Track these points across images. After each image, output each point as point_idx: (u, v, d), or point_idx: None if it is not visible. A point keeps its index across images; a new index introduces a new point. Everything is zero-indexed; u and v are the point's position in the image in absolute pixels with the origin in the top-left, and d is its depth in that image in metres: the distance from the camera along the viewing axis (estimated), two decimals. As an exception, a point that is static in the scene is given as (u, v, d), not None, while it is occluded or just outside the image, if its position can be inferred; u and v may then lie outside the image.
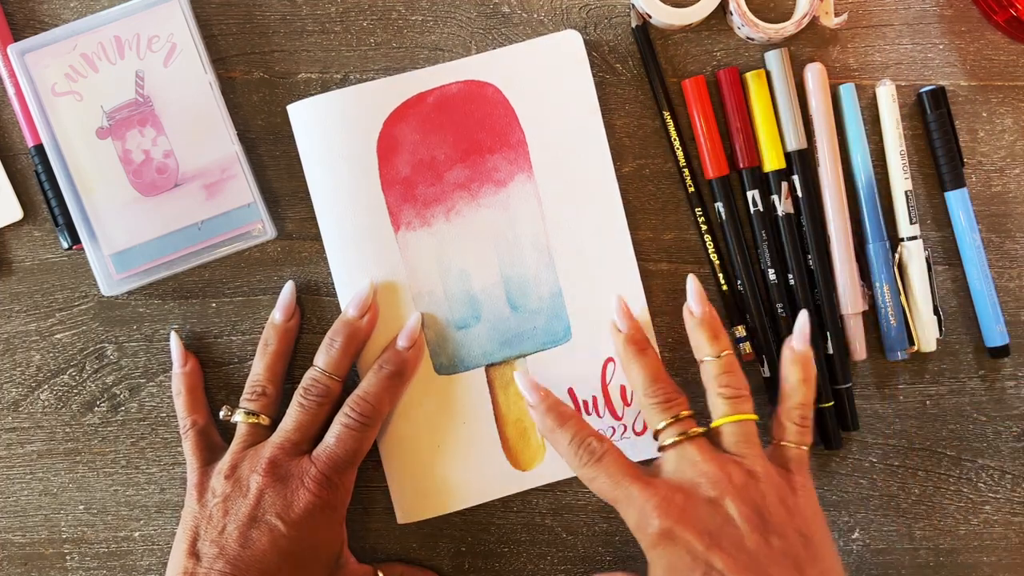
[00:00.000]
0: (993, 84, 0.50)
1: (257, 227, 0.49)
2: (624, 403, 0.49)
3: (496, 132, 0.49)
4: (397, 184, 0.48)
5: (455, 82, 0.48)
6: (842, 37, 0.50)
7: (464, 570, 0.51)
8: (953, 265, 0.50)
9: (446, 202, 0.49)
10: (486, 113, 0.49)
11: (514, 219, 0.49)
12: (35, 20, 0.50)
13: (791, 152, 0.49)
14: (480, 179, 0.49)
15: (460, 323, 0.49)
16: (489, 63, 0.49)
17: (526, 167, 0.49)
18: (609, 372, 0.49)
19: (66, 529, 0.51)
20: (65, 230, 0.49)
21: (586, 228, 0.49)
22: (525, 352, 0.49)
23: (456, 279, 0.49)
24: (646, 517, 0.42)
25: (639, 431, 0.49)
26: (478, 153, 0.49)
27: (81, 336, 0.50)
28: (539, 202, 0.49)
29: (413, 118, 0.48)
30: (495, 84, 0.48)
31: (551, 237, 0.49)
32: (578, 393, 0.49)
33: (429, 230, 0.49)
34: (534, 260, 0.49)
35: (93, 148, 0.48)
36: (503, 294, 0.49)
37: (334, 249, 0.49)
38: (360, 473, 0.46)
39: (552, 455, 0.49)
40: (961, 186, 0.49)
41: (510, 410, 0.49)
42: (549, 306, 0.49)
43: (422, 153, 0.48)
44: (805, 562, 0.41)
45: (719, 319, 0.47)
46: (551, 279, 0.49)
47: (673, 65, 0.50)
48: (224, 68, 0.50)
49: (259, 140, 0.50)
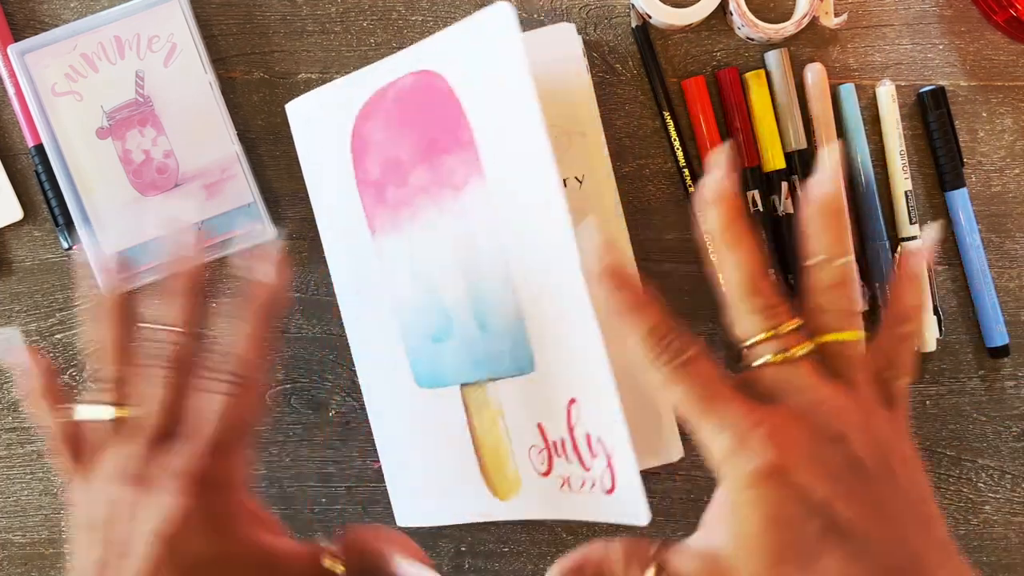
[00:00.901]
0: (993, 84, 0.50)
1: (257, 227, 0.49)
2: (591, 454, 0.41)
3: (448, 130, 0.42)
4: (370, 186, 0.46)
5: (409, 74, 0.43)
6: (842, 37, 0.50)
7: (464, 570, 0.51)
8: (953, 265, 0.50)
9: (412, 206, 0.44)
10: (438, 108, 0.42)
11: (472, 228, 0.42)
12: (35, 20, 0.50)
13: (791, 152, 0.49)
14: (439, 182, 0.43)
15: (436, 335, 0.45)
16: (437, 48, 0.42)
17: (478, 170, 0.42)
18: (574, 415, 0.41)
19: (66, 529, 0.51)
20: (65, 230, 0.49)
21: (537, 242, 0.40)
22: (495, 376, 0.44)
23: (428, 289, 0.45)
24: (748, 448, 0.32)
25: (607, 489, 0.40)
26: (435, 153, 0.43)
27: (81, 336, 0.50)
28: (494, 210, 0.42)
29: (378, 116, 0.45)
30: (443, 73, 0.42)
31: (508, 251, 0.41)
32: (548, 432, 0.42)
33: (400, 235, 0.45)
34: (495, 276, 0.42)
35: (93, 148, 0.48)
36: (471, 310, 0.44)
37: (330, 249, 0.49)
38: (359, 473, 0.46)
39: (529, 490, 0.44)
40: (961, 186, 0.49)
41: (486, 436, 0.45)
42: (514, 329, 0.42)
43: (388, 153, 0.45)
44: (930, 520, 0.33)
45: (847, 214, 0.36)
46: (512, 299, 0.42)
47: (673, 65, 0.50)
48: (224, 68, 0.50)
49: (259, 140, 0.50)
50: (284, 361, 0.50)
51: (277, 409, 0.50)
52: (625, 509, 0.40)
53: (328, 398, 0.50)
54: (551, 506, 0.44)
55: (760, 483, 0.32)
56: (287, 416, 0.51)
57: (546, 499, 0.44)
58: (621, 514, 0.41)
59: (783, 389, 0.34)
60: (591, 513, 0.43)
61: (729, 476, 0.32)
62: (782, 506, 0.31)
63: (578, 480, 0.42)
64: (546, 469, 0.44)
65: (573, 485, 0.43)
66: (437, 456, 0.47)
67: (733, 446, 0.32)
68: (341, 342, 0.50)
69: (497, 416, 0.45)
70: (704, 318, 0.50)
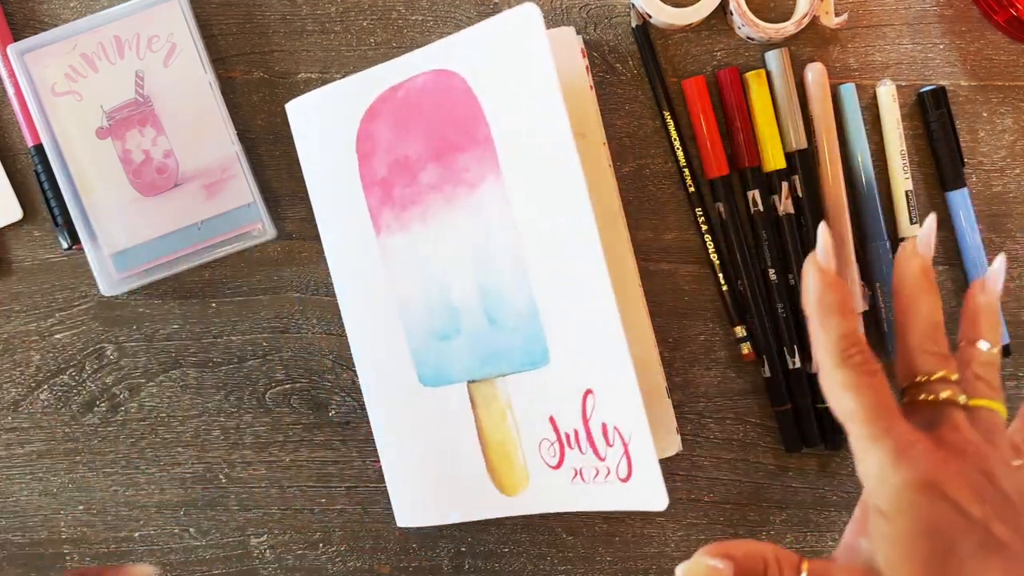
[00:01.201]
0: (993, 84, 0.50)
1: (257, 227, 0.49)
2: (607, 443, 0.42)
3: (464, 128, 0.43)
4: (376, 185, 0.46)
5: (421, 73, 0.44)
6: (842, 37, 0.50)
7: (464, 570, 0.51)
8: (953, 265, 0.50)
9: (421, 204, 0.45)
10: (454, 107, 0.43)
11: (487, 225, 0.43)
12: (35, 20, 0.50)
13: (791, 152, 0.49)
14: (452, 180, 0.44)
15: (441, 334, 0.46)
16: (456, 48, 0.43)
17: (494, 167, 0.43)
18: (589, 406, 0.42)
19: (66, 529, 0.51)
20: (65, 230, 0.49)
21: (558, 237, 0.42)
22: (504, 372, 0.44)
23: (435, 287, 0.45)
24: (909, 457, 0.34)
25: (623, 477, 0.42)
26: (449, 152, 0.44)
27: (81, 336, 0.50)
28: (510, 206, 0.43)
29: (387, 115, 0.45)
30: (460, 73, 0.43)
31: (524, 247, 0.43)
32: (560, 424, 0.43)
33: (407, 234, 0.46)
34: (509, 271, 0.43)
35: (93, 148, 0.48)
36: (480, 306, 0.44)
37: (331, 249, 0.49)
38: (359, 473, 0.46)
39: (538, 484, 0.45)
40: (961, 186, 0.49)
41: (493, 431, 0.45)
42: (527, 323, 0.43)
43: (396, 152, 0.45)
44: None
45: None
46: (526, 294, 0.43)
47: (673, 65, 0.50)
48: (224, 68, 0.50)
49: (259, 140, 0.50)
50: (284, 361, 0.50)
51: (277, 409, 0.50)
52: (642, 495, 0.41)
53: (328, 398, 0.50)
54: (561, 499, 0.44)
55: (920, 491, 0.34)
56: (287, 416, 0.51)
57: (556, 492, 0.44)
58: (638, 501, 0.41)
59: (939, 423, 0.37)
60: (605, 503, 0.43)
61: (888, 483, 0.35)
62: (940, 517, 0.34)
63: (591, 470, 0.43)
64: (557, 462, 0.44)
65: (586, 476, 0.43)
66: (440, 454, 0.47)
67: (895, 455, 0.35)
68: (341, 342, 0.50)
69: (505, 410, 0.45)
70: (704, 318, 0.50)
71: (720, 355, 0.50)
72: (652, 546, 0.50)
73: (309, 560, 0.51)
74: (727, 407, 0.50)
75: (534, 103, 0.41)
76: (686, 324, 0.50)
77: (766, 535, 0.50)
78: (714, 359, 0.50)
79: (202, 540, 0.51)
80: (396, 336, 0.47)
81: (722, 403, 0.50)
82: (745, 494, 0.50)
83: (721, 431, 0.50)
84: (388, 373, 0.48)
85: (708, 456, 0.50)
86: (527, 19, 0.40)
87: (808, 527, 0.50)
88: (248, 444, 0.51)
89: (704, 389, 0.50)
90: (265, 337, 0.50)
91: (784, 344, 0.49)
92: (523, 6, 0.40)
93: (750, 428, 0.50)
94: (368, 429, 0.49)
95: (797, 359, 0.49)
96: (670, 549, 0.50)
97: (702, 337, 0.50)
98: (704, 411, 0.49)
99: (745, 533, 0.50)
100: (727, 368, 0.50)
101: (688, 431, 0.50)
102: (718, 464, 0.50)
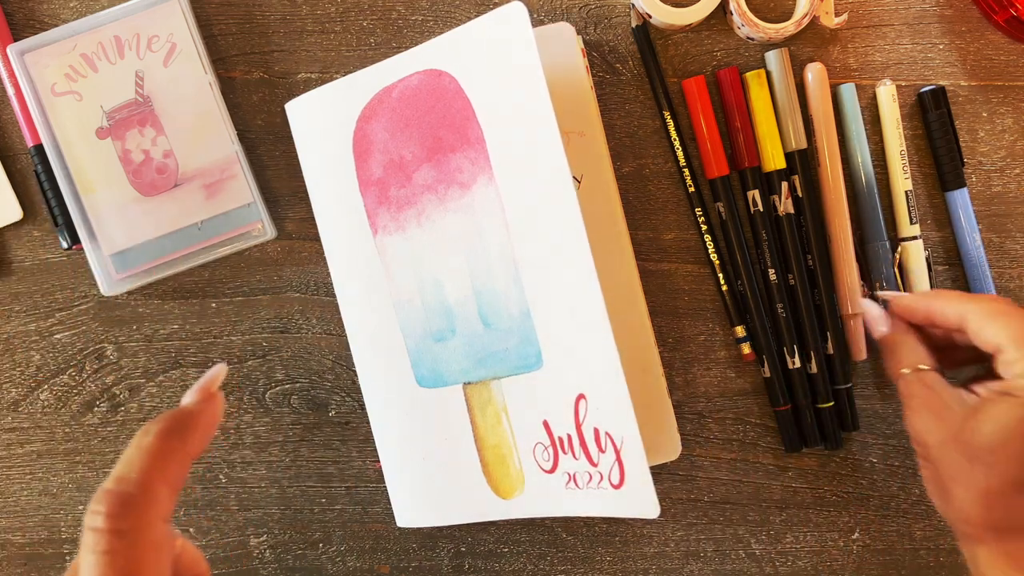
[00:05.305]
0: (993, 84, 0.50)
1: (257, 227, 0.49)
2: (599, 449, 0.42)
3: (456, 128, 0.44)
4: (372, 186, 0.46)
5: (415, 73, 0.44)
6: (842, 37, 0.50)
7: (464, 570, 0.51)
8: (953, 265, 0.50)
9: (416, 205, 0.45)
10: (446, 107, 0.44)
11: (480, 226, 0.44)
12: (35, 20, 0.50)
13: (791, 152, 0.49)
14: (446, 180, 0.44)
15: (437, 335, 0.46)
16: (447, 47, 0.43)
17: (487, 168, 0.43)
18: (582, 410, 0.42)
19: (66, 529, 0.51)
20: (65, 230, 0.49)
21: (548, 242, 0.42)
22: (499, 375, 0.45)
23: (431, 288, 0.46)
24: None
25: (616, 484, 0.42)
26: (442, 152, 0.44)
27: (81, 336, 0.50)
28: (502, 208, 0.43)
29: (382, 115, 0.45)
30: (452, 72, 0.43)
31: (516, 248, 0.43)
32: (553, 428, 0.43)
33: (403, 235, 0.46)
34: (502, 273, 0.43)
35: (93, 148, 0.48)
36: (475, 308, 0.45)
37: (330, 250, 0.49)
38: (359, 473, 0.46)
39: (533, 488, 0.45)
40: (961, 186, 0.49)
41: (489, 434, 0.46)
42: (520, 326, 0.43)
43: (392, 152, 0.45)
44: None
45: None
46: (519, 296, 0.43)
47: (673, 65, 0.50)
48: (224, 68, 0.50)
49: (259, 140, 0.50)
50: (284, 361, 0.50)
51: (277, 409, 0.51)
52: (634, 503, 0.41)
53: (328, 398, 0.51)
54: (555, 503, 0.44)
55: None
56: (287, 416, 0.51)
57: (550, 496, 0.44)
58: (630, 508, 0.42)
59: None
60: (598, 509, 0.43)
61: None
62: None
63: (584, 476, 0.43)
64: (551, 466, 0.44)
65: (579, 481, 0.43)
66: (438, 456, 0.47)
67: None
68: (341, 342, 0.50)
69: (501, 414, 0.45)
70: (704, 318, 0.50)
71: (720, 355, 0.50)
72: (652, 546, 0.50)
73: (309, 560, 0.51)
74: (727, 407, 0.50)
75: (522, 102, 0.41)
76: (686, 324, 0.50)
77: (766, 535, 0.50)
78: (714, 359, 0.50)
79: (202, 540, 0.51)
80: (394, 337, 0.47)
81: (722, 403, 0.50)
82: (745, 494, 0.50)
83: (721, 431, 0.50)
84: (387, 374, 0.48)
85: (708, 456, 0.50)
86: (513, 18, 0.41)
87: (808, 527, 0.50)
88: (248, 444, 0.51)
89: (704, 389, 0.50)
90: (265, 337, 0.50)
91: (784, 344, 0.49)
92: (509, 5, 0.41)
93: (750, 428, 0.50)
94: (368, 429, 0.49)
95: (797, 359, 0.49)
96: (670, 549, 0.50)
97: (702, 337, 0.50)
98: (704, 411, 0.49)
99: (745, 533, 0.50)
100: (727, 368, 0.50)
101: (688, 431, 0.50)
102: (718, 464, 0.50)
